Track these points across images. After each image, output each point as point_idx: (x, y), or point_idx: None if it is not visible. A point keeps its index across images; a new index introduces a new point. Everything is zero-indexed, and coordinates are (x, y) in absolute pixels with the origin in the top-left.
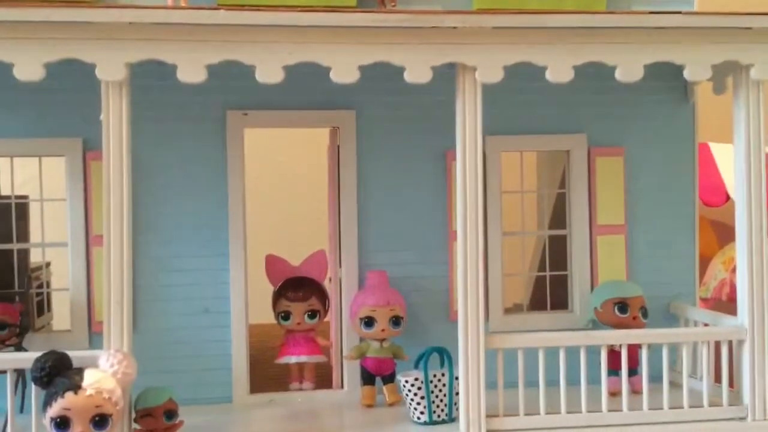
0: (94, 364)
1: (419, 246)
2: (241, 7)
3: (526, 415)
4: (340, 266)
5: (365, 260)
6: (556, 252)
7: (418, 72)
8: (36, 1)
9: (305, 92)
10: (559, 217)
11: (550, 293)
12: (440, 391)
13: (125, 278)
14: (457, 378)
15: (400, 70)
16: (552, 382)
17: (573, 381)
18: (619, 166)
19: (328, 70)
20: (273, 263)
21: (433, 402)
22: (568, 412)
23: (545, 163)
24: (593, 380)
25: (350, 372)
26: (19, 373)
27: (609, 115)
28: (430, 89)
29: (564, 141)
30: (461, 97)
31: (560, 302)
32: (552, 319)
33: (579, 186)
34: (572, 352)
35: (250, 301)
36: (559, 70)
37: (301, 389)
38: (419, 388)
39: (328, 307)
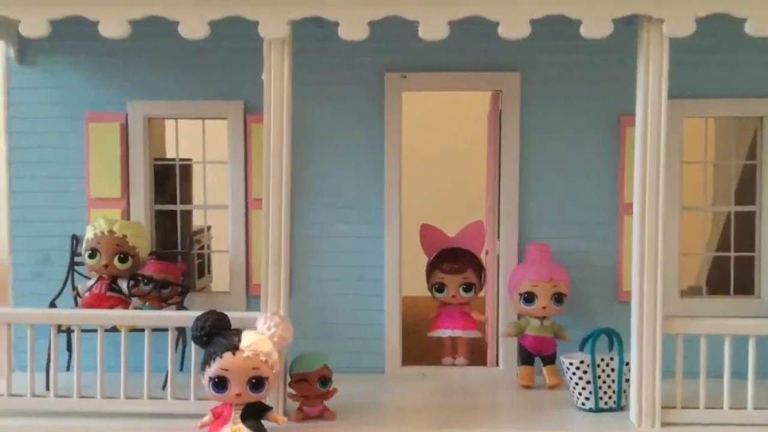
0: (251, 326)
1: (585, 219)
2: None
3: (707, 408)
4: (498, 238)
5: (525, 233)
6: (741, 230)
7: (596, 26)
8: None
9: (467, 53)
10: (744, 191)
11: (733, 276)
12: (608, 376)
13: (283, 241)
14: (627, 363)
15: (571, 28)
16: (736, 375)
17: (762, 374)
18: None
19: (491, 29)
20: (428, 233)
21: (600, 388)
22: (756, 408)
23: (728, 130)
24: None
25: (506, 350)
26: (180, 331)
27: None
28: (603, 48)
29: (757, 106)
30: (644, 53)
31: (744, 287)
32: (735, 305)
33: None
34: (762, 343)
35: (403, 273)
36: (762, 23)
37: (454, 365)
38: (585, 372)
39: (485, 280)
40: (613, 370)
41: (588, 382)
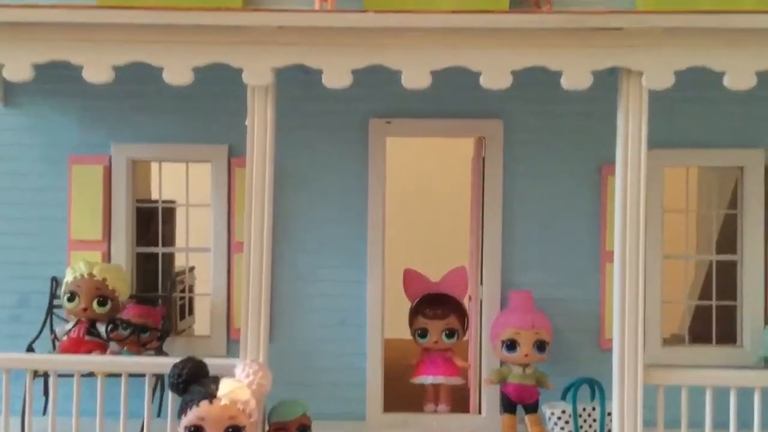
0: (230, 373)
1: (568, 267)
2: (389, 9)
3: None
4: (482, 284)
5: (508, 279)
6: (723, 279)
7: (576, 77)
8: (186, 5)
9: (450, 100)
10: (727, 240)
11: (715, 325)
12: (590, 426)
13: (264, 287)
14: (609, 414)
15: (553, 77)
16: (719, 425)
17: (743, 424)
18: None
19: (475, 76)
20: (411, 278)
21: None
22: None
23: (710, 180)
24: (766, 424)
25: (489, 397)
26: (158, 377)
27: None
28: (585, 98)
29: (737, 156)
30: (624, 105)
31: (726, 335)
32: (718, 354)
33: (753, 206)
34: (743, 393)
35: (386, 315)
36: (740, 76)
37: (436, 411)
38: (566, 422)
39: (467, 326)
40: (595, 420)
41: None
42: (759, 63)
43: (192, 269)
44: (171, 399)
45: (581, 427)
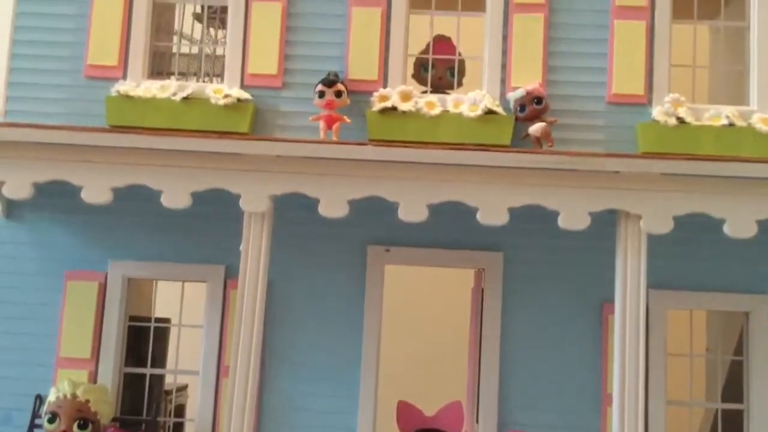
0: None
1: (567, 407)
2: (390, 143)
3: None
4: (477, 422)
5: (505, 417)
6: (730, 428)
7: (574, 217)
8: (186, 132)
9: (450, 231)
10: (734, 387)
11: None
12: None
13: (247, 417)
14: None
15: (555, 211)
16: None
17: None
18: None
19: (475, 209)
20: (405, 411)
21: None
22: None
23: (718, 324)
24: None
25: None
26: None
27: None
28: (587, 233)
29: (743, 301)
30: (622, 246)
31: None
32: None
33: (760, 353)
34: None
35: None
36: (740, 225)
37: None
38: None
39: None
40: None
41: None
42: (760, 212)
43: (185, 387)
44: None
45: None
